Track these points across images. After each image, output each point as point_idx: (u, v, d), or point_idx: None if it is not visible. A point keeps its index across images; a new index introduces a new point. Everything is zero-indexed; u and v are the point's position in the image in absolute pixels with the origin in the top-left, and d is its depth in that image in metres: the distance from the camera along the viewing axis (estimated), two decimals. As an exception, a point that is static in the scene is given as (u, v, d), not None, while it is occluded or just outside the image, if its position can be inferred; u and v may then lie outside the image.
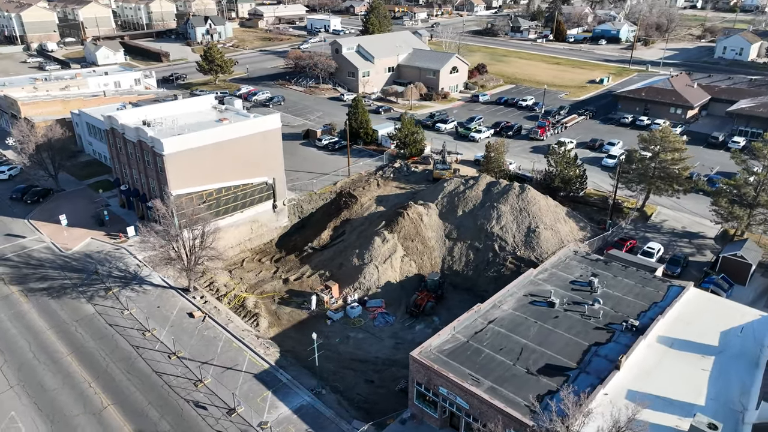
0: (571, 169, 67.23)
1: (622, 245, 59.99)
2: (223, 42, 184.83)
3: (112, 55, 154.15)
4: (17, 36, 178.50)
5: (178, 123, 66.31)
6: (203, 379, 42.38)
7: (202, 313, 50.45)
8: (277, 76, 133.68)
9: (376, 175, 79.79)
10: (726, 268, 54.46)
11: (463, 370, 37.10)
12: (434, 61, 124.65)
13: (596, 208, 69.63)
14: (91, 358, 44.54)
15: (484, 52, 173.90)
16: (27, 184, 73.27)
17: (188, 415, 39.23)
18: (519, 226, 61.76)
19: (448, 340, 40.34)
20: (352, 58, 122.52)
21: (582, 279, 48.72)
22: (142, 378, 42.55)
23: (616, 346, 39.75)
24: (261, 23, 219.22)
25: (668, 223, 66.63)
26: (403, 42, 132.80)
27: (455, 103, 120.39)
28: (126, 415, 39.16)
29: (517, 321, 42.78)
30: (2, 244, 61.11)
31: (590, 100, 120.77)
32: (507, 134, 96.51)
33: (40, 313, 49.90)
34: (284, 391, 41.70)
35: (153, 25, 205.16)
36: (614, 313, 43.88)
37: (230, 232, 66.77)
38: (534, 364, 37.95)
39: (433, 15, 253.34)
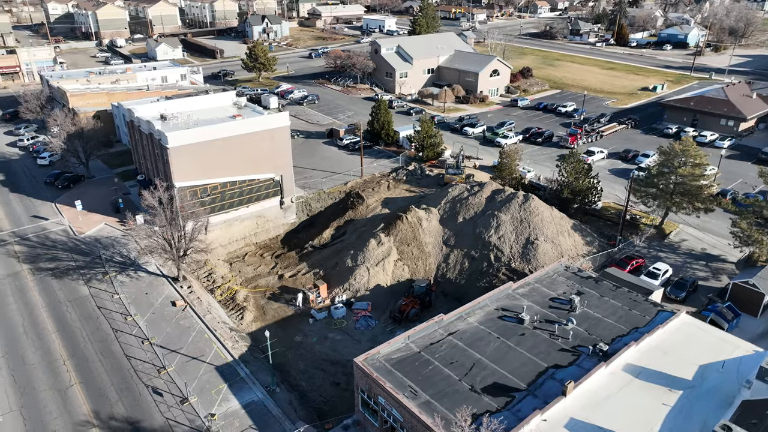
0: (583, 180, 63.81)
1: (627, 264, 56.34)
2: (278, 41, 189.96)
3: (170, 51, 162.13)
4: (92, 32, 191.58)
5: (192, 118, 68.85)
6: (167, 367, 43.74)
7: (184, 302, 52.04)
8: (318, 75, 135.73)
9: (389, 177, 79.24)
10: (736, 297, 49.91)
11: (405, 381, 36.14)
12: (474, 64, 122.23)
13: (610, 223, 65.83)
14: (72, 338, 47.06)
15: (537, 55, 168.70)
16: (60, 170, 78.45)
17: (144, 401, 40.61)
18: (518, 237, 59.43)
19: (399, 349, 39.43)
20: (390, 59, 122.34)
21: (564, 296, 46.19)
22: (113, 360, 44.48)
23: (577, 371, 37.38)
24: (319, 23, 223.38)
25: (687, 244, 61.90)
26: (445, 43, 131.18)
27: (492, 107, 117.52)
28: (88, 395, 41.09)
29: (478, 335, 41.17)
30: (26, 225, 65.77)
31: (637, 109, 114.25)
32: (536, 141, 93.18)
33: (40, 291, 53.31)
34: (240, 385, 42.28)
35: (216, 23, 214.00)
36: (587, 336, 41.30)
37: (235, 226, 68.58)
38: (481, 382, 36.37)
39: (493, 16, 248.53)
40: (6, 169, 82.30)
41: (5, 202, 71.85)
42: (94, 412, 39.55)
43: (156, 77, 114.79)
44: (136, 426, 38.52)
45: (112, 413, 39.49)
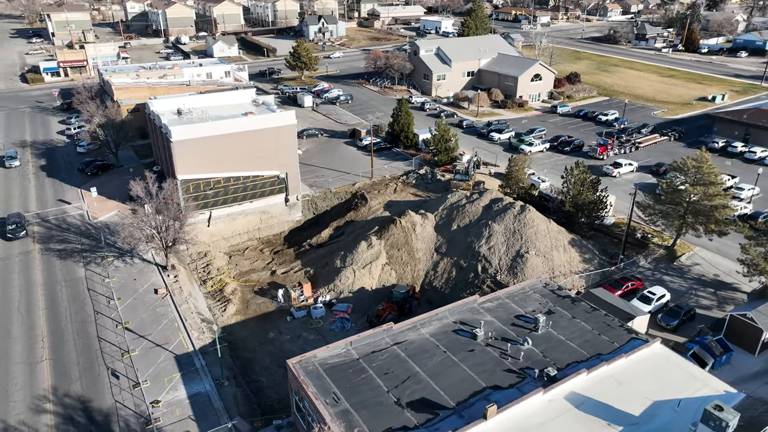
0: (587, 193, 60.21)
1: (621, 285, 52.63)
2: (332, 41, 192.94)
3: (226, 48, 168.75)
4: (162, 30, 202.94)
5: (207, 113, 71.30)
6: (131, 352, 45.60)
7: (166, 291, 53.99)
8: (359, 76, 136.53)
9: (398, 180, 78.46)
10: (733, 331, 45.38)
11: (331, 388, 35.65)
12: (514, 68, 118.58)
13: (617, 240, 61.77)
14: (57, 316, 50.06)
15: (593, 60, 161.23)
16: (93, 158, 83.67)
17: (101, 382, 42.52)
18: (508, 249, 57.10)
19: (338, 354, 38.92)
20: (428, 61, 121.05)
21: (531, 314, 43.85)
22: (85, 341, 46.91)
23: (515, 394, 35.35)
24: (377, 23, 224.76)
25: (699, 269, 57.00)
26: (488, 46, 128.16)
27: (530, 112, 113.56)
28: (53, 371, 43.57)
29: (425, 347, 39.89)
30: (50, 207, 70.67)
31: (686, 120, 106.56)
32: (563, 150, 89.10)
33: (42, 270, 57.13)
34: (192, 375, 43.33)
35: (277, 22, 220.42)
36: (541, 358, 38.97)
37: (238, 220, 70.38)
38: (409, 396, 35.21)
39: (557, 18, 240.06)
40: (50, 155, 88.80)
41: (40, 185, 77.55)
42: (53, 387, 41.90)
43: (201, 73, 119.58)
44: (86, 405, 40.43)
45: (68, 390, 41.66)
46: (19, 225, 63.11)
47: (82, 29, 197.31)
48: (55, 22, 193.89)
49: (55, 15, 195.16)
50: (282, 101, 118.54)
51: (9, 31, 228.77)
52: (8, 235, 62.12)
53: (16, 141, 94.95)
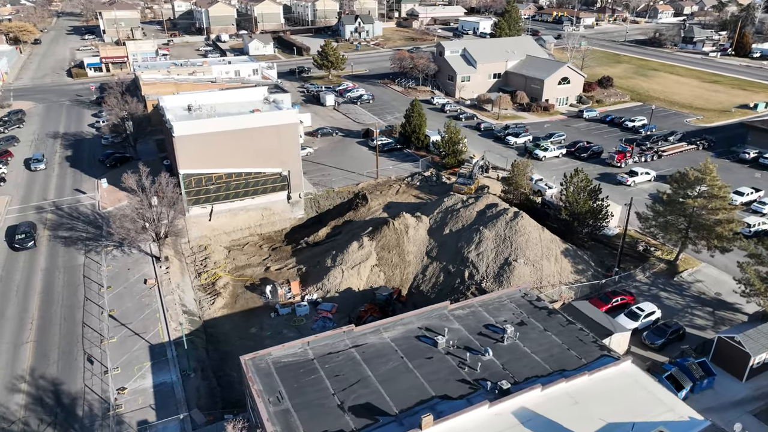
0: (584, 202, 57.90)
1: (610, 299, 50.38)
2: (367, 40, 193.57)
3: (261, 47, 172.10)
4: (204, 28, 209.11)
5: (215, 110, 72.92)
6: (109, 339, 47.17)
7: (154, 281, 55.54)
8: (386, 75, 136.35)
9: (403, 182, 77.87)
10: (721, 354, 42.64)
11: (277, 387, 35.72)
12: (541, 70, 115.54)
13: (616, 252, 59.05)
14: (50, 300, 52.37)
15: (633, 63, 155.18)
16: (113, 150, 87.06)
17: (76, 366, 44.16)
18: (497, 256, 55.69)
19: (294, 353, 38.96)
20: (453, 62, 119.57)
21: (501, 324, 42.57)
22: (70, 326, 48.85)
23: (461, 404, 34.42)
24: (415, 23, 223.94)
25: (701, 286, 53.86)
26: (518, 47, 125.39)
27: (556, 116, 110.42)
28: (35, 353, 45.59)
29: (383, 352, 39.39)
30: (66, 196, 74.01)
31: (721, 129, 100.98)
32: (580, 156, 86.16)
33: (47, 256, 59.91)
34: (161, 365, 44.38)
35: (316, 21, 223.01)
36: (500, 370, 37.77)
37: (240, 215, 71.60)
38: (354, 400, 34.84)
39: (602, 20, 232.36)
40: (77, 146, 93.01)
41: (61, 174, 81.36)
42: (31, 369, 43.85)
43: (229, 71, 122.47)
44: (57, 387, 42.09)
45: (44, 373, 43.49)
46: (28, 235, 61.55)
47: (130, 27, 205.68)
48: (106, 19, 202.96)
49: (106, 13, 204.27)
50: (306, 99, 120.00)
51: (66, 28, 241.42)
52: (15, 245, 60.45)
53: (50, 132, 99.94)
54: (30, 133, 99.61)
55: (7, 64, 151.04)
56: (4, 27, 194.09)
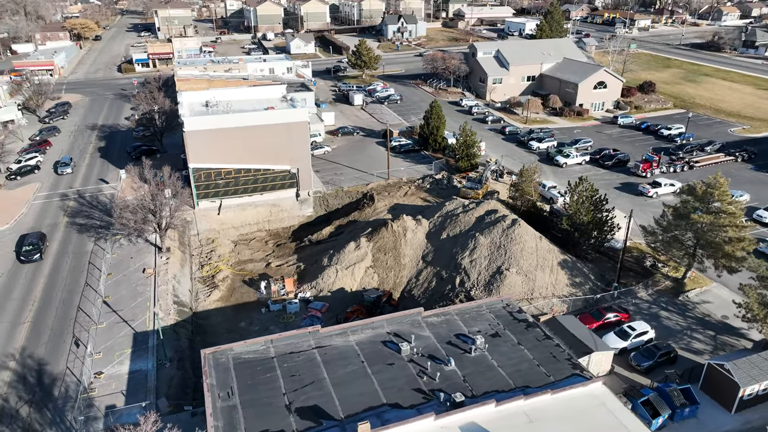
0: (586, 213, 55.26)
1: (602, 316, 47.91)
2: (410, 40, 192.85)
3: (303, 45, 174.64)
4: (252, 26, 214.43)
5: (231, 106, 74.56)
6: (99, 324, 49.03)
7: (152, 271, 57.28)
8: (419, 76, 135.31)
9: (413, 184, 76.96)
10: (710, 382, 39.69)
11: (231, 382, 36.02)
12: (576, 74, 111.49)
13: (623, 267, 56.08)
14: (53, 284, 55.00)
15: (684, 68, 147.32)
16: (141, 143, 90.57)
17: (63, 348, 46.08)
18: (490, 264, 54.12)
19: (255, 350, 39.20)
20: (485, 63, 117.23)
21: (474, 335, 41.26)
22: (66, 309, 51.07)
23: (409, 414, 33.57)
24: (461, 24, 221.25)
25: (707, 307, 50.37)
26: (554, 50, 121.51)
27: (589, 122, 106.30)
28: (29, 333, 47.95)
29: (344, 355, 39.02)
30: (90, 185, 77.55)
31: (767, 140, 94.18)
32: (604, 164, 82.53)
33: (60, 241, 62.96)
34: (141, 353, 45.66)
35: (362, 21, 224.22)
36: (460, 382, 36.63)
37: (248, 210, 72.86)
38: (303, 401, 34.66)
39: (659, 22, 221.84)
40: (110, 138, 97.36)
41: (91, 164, 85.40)
42: (22, 348, 46.15)
43: (264, 68, 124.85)
44: (42, 367, 44.08)
45: (33, 352, 45.67)
46: (35, 247, 58.58)
47: (183, 25, 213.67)
48: (161, 17, 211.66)
49: (161, 11, 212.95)
50: (336, 98, 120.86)
51: (127, 26, 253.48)
52: (21, 257, 57.81)
53: (89, 124, 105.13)
54: (72, 125, 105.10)
55: (65, 58, 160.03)
56: (68, 24, 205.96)
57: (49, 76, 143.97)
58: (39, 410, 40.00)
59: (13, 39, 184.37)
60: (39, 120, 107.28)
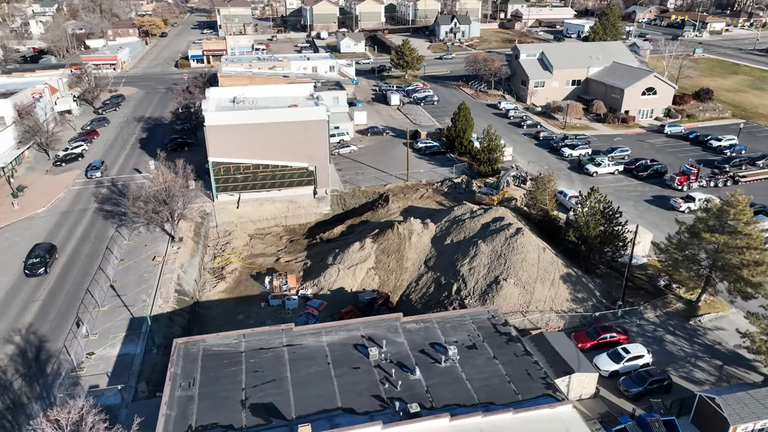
0: (595, 227, 52.27)
1: (597, 335, 45.28)
2: (462, 41, 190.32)
3: (353, 45, 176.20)
4: (308, 25, 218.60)
5: (257, 103, 76.27)
6: (101, 306, 51.41)
7: (161, 259, 59.43)
8: (461, 77, 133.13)
9: (432, 186, 75.75)
10: (701, 415, 36.58)
11: (194, 373, 36.71)
12: (624, 79, 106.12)
13: (631, 284, 52.79)
14: (71, 265, 58.15)
15: (753, 75, 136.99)
16: (177, 136, 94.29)
17: (64, 327, 48.41)
18: (488, 273, 52.44)
19: (226, 344, 39.77)
20: (528, 66, 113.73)
21: (450, 344, 40.04)
22: (75, 290, 53.77)
23: (361, 420, 32.99)
24: (518, 25, 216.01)
25: (720, 335, 46.51)
26: (604, 53, 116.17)
27: (633, 130, 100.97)
28: (38, 311, 50.88)
29: (313, 355, 38.89)
30: (124, 174, 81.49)
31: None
32: (638, 175, 78.07)
33: (86, 226, 66.52)
34: (133, 338, 47.39)
35: (416, 21, 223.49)
36: (422, 393, 35.62)
37: (266, 206, 74.22)
38: (260, 398, 34.79)
39: (733, 25, 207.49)
40: (153, 130, 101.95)
41: (129, 154, 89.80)
42: (29, 324, 49.04)
43: (307, 67, 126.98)
44: (42, 343, 46.66)
45: (38, 329, 48.43)
46: (41, 260, 56.11)
47: (243, 23, 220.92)
48: (222, 15, 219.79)
49: (223, 9, 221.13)
50: (375, 98, 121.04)
51: (193, 23, 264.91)
52: (25, 271, 55.45)
53: (137, 115, 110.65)
54: (121, 116, 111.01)
55: (129, 54, 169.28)
56: (137, 21, 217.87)
57: (111, 69, 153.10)
58: (30, 384, 42.40)
59: (87, 35, 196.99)
60: (94, 111, 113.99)
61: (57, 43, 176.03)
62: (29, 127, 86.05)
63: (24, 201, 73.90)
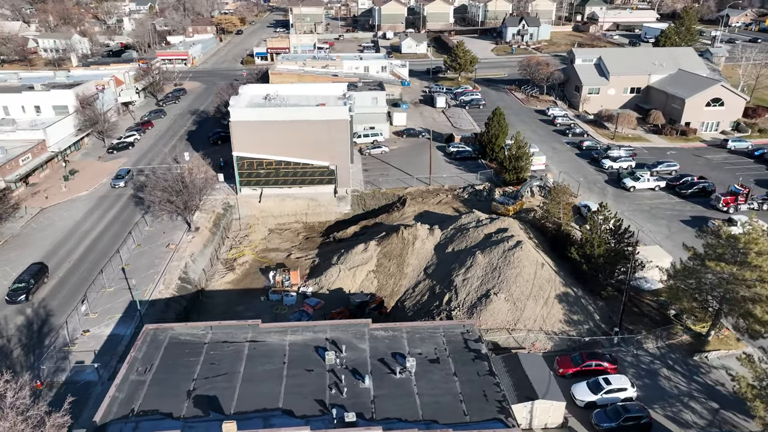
0: (598, 246, 48.57)
1: (582, 362, 42.21)
2: (528, 44, 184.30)
3: (414, 45, 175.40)
4: (376, 25, 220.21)
5: (287, 101, 77.95)
6: (108, 287, 54.51)
7: (174, 248, 62.06)
8: (514, 81, 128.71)
9: (453, 192, 73.82)
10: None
11: (154, 360, 37.98)
12: (687, 88, 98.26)
13: (637, 310, 48.74)
14: (94, 246, 62.16)
15: None
16: (220, 129, 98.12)
17: (70, 304, 51.78)
18: (481, 285, 50.43)
19: (194, 333, 40.80)
20: (582, 71, 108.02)
21: (414, 356, 38.83)
22: (90, 270, 57.43)
23: (296, 423, 32.76)
24: (592, 28, 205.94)
25: (724, 375, 41.82)
26: (669, 59, 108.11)
27: (692, 143, 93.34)
28: (53, 287, 54.84)
29: (271, 353, 39.09)
30: (164, 164, 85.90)
31: None
32: (680, 192, 72.05)
33: (118, 209, 70.97)
34: (127, 320, 49.87)
35: (486, 22, 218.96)
36: (366, 402, 34.82)
37: (287, 202, 75.61)
38: (207, 391, 35.40)
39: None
40: (202, 123, 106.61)
41: (175, 145, 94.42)
42: (42, 299, 52.93)
43: (359, 66, 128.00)
44: (47, 316, 50.22)
45: (47, 304, 52.16)
46: (23, 287, 52.35)
47: (314, 22, 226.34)
48: (294, 14, 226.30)
49: (296, 9, 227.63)
50: (423, 99, 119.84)
51: (270, 22, 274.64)
52: (6, 298, 51.81)
53: (193, 109, 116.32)
54: (178, 109, 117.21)
55: (201, 50, 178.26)
56: (215, 19, 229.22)
57: (183, 64, 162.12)
58: (26, 354, 45.77)
59: (169, 32, 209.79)
60: (156, 103, 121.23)
61: (140, 39, 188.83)
62: (88, 117, 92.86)
63: (72, 184, 79.96)
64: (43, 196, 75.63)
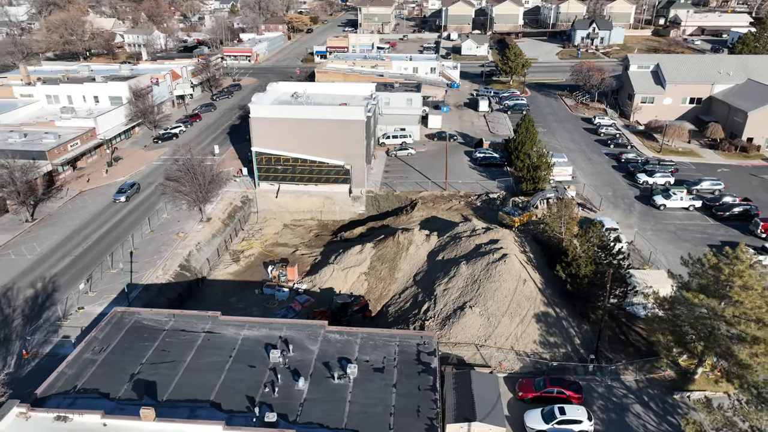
0: (586, 267, 45.16)
1: (543, 387, 39.60)
2: (597, 48, 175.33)
3: (474, 47, 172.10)
4: (442, 25, 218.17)
5: (312, 99, 79.21)
6: (112, 269, 57.88)
7: (182, 236, 64.79)
8: (567, 87, 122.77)
9: (467, 199, 71.66)
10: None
11: (113, 341, 39.84)
12: (752, 100, 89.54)
13: (623, 338, 44.98)
14: (112, 230, 66.20)
15: None
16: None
17: (75, 282, 55.41)
18: (459, 297, 48.76)
19: (157, 320, 42.39)
20: (636, 79, 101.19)
21: (361, 363, 38.25)
22: (101, 252, 61.19)
23: (215, 416, 33.22)
24: (673, 32, 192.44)
25: (704, 419, 37.66)
26: (738, 68, 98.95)
27: (752, 161, 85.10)
28: (66, 265, 58.87)
29: (221, 346, 39.90)
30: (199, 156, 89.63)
31: None
32: (716, 214, 65.80)
33: (145, 196, 75.17)
34: (120, 301, 52.45)
35: (558, 24, 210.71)
36: (294, 403, 34.71)
37: (303, 199, 76.81)
38: (148, 376, 36.64)
39: None
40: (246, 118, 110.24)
41: (215, 138, 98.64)
42: (53, 275, 57.06)
43: (408, 67, 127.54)
44: (52, 293, 53.99)
45: (55, 281, 56.06)
46: None
47: (382, 22, 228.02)
48: (363, 14, 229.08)
49: (364, 8, 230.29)
50: (468, 102, 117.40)
51: (341, 21, 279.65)
52: None
53: (242, 104, 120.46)
54: (229, 104, 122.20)
55: (266, 48, 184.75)
56: (286, 18, 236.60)
57: (247, 61, 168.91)
58: (24, 325, 49.59)
59: (243, 29, 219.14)
60: (211, 97, 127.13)
61: (214, 36, 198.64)
62: (139, 108, 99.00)
63: (114, 170, 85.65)
64: (85, 180, 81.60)
